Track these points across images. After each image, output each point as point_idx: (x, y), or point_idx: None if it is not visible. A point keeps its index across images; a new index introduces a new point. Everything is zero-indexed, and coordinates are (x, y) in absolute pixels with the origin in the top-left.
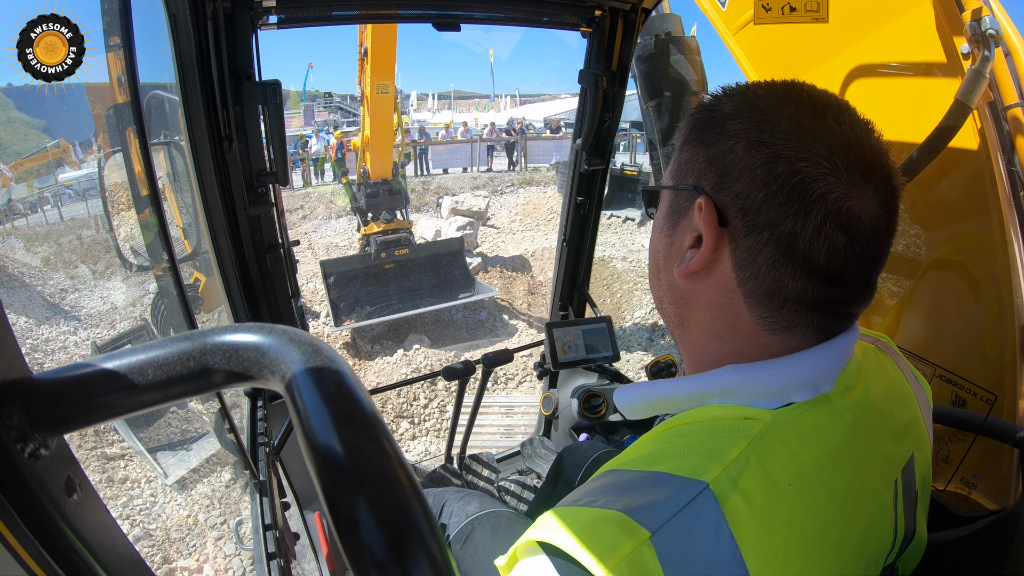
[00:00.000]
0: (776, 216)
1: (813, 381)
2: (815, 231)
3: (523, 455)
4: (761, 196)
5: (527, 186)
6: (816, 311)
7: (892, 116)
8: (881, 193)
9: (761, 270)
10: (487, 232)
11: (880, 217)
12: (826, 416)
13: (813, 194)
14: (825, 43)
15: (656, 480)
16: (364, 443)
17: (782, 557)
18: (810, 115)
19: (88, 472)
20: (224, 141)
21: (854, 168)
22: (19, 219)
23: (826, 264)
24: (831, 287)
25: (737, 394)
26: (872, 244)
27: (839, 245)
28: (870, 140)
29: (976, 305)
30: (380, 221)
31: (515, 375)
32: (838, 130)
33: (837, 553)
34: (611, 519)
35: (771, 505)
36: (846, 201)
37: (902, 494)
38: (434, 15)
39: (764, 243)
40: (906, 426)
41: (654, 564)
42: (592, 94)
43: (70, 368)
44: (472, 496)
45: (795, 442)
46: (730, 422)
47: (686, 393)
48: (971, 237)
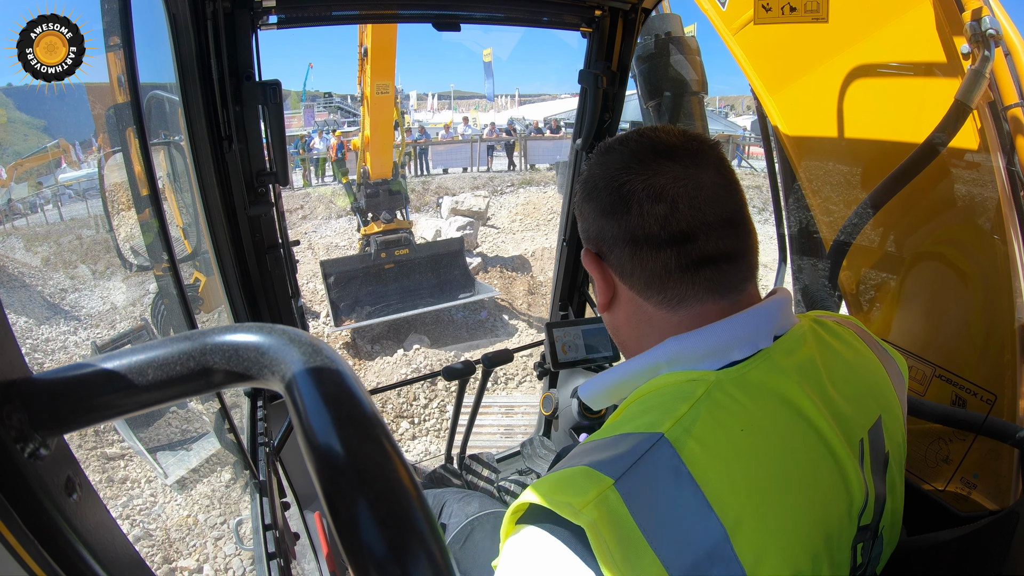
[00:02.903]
0: (615, 226)
1: (749, 337)
2: (638, 214)
3: (523, 455)
4: (604, 221)
5: (527, 186)
6: (691, 270)
7: (892, 116)
8: (683, 159)
9: (631, 268)
10: (487, 232)
11: (691, 175)
12: (769, 372)
13: (625, 193)
14: (825, 43)
15: (616, 440)
16: (364, 443)
17: (743, 494)
18: (605, 153)
19: (88, 472)
20: (224, 141)
21: (644, 159)
22: (19, 219)
23: (661, 231)
24: (685, 245)
25: (681, 360)
26: (696, 196)
27: (662, 212)
28: (651, 137)
29: (976, 305)
30: (380, 221)
31: (515, 375)
32: (625, 149)
33: (802, 496)
34: (576, 472)
35: (726, 447)
36: (649, 180)
37: (869, 454)
38: (434, 15)
39: (621, 249)
40: (869, 390)
41: (620, 506)
42: (592, 94)
43: (70, 368)
44: (472, 496)
45: (741, 395)
46: (678, 385)
47: (637, 370)
48: (971, 237)
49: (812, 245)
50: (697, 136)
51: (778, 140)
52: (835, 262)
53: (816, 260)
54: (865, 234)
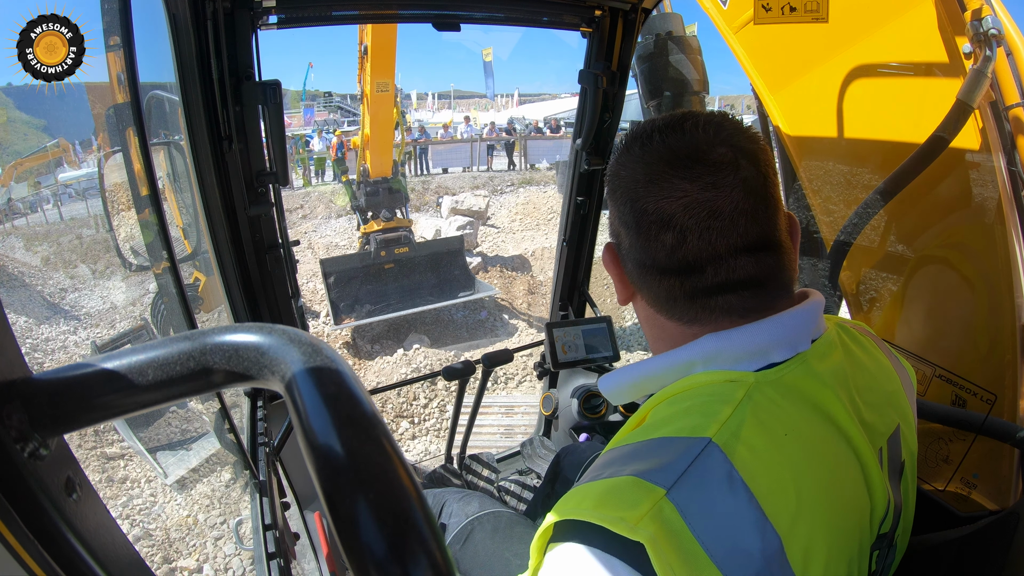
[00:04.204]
0: (628, 242)
1: (789, 340)
2: (647, 240)
3: (523, 455)
4: (622, 230)
5: (527, 186)
6: (699, 298)
7: (893, 115)
8: (700, 180)
9: (640, 286)
10: (487, 232)
11: (709, 200)
12: (806, 377)
13: (638, 211)
14: (826, 42)
15: (658, 444)
16: (364, 443)
17: (794, 502)
18: (625, 153)
19: (88, 472)
20: (224, 141)
21: (657, 174)
22: (19, 219)
23: (667, 261)
24: (690, 276)
25: (719, 360)
26: (710, 226)
27: (669, 242)
28: (673, 142)
29: (976, 305)
30: (380, 219)
31: (515, 375)
32: (642, 152)
33: (841, 504)
34: (624, 483)
35: (774, 453)
36: (659, 203)
37: (887, 462)
38: (434, 15)
39: (632, 266)
40: (889, 398)
41: (675, 518)
42: (592, 94)
43: (70, 368)
44: (472, 496)
45: (781, 399)
46: (717, 386)
47: (669, 366)
48: (970, 237)
49: (812, 245)
50: (732, 138)
51: (779, 140)
52: (835, 262)
53: (816, 260)
54: (865, 234)
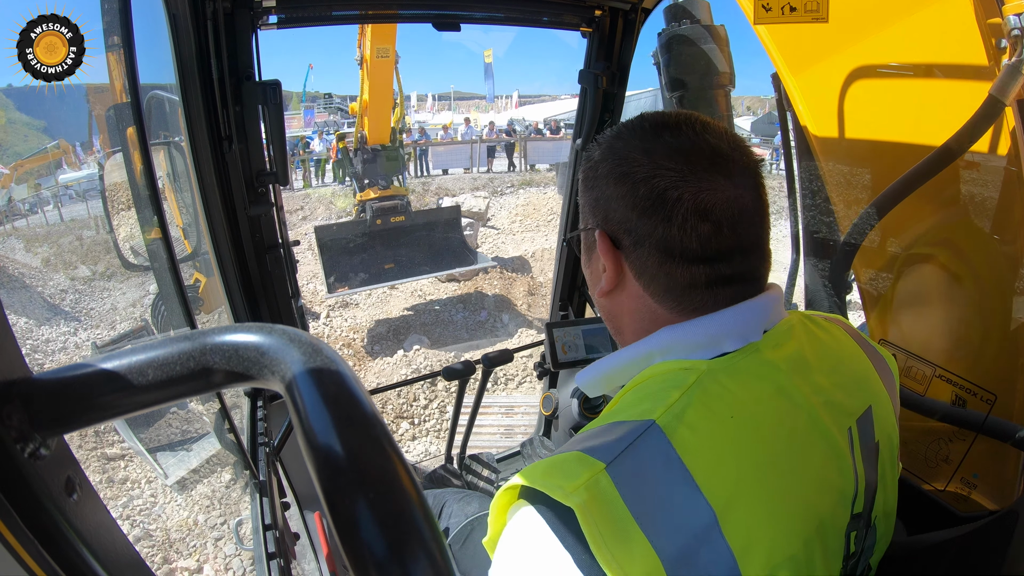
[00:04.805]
0: (649, 227)
1: (739, 331)
2: (681, 228)
3: (523, 455)
4: (635, 216)
5: (527, 187)
6: (713, 287)
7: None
8: (734, 178)
9: (654, 272)
10: (487, 233)
11: (739, 197)
12: (758, 364)
13: (671, 200)
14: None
15: (610, 427)
16: (364, 443)
17: (733, 478)
18: (652, 138)
19: (88, 472)
20: (224, 141)
21: (699, 167)
22: (19, 220)
23: (700, 250)
24: (715, 265)
25: (675, 350)
26: (738, 220)
27: (705, 232)
28: (708, 140)
29: (977, 304)
30: (376, 187)
31: (515, 375)
32: (676, 143)
33: (793, 480)
34: (569, 457)
35: (716, 433)
36: (699, 195)
37: (859, 442)
38: (434, 15)
39: (648, 251)
40: (856, 380)
41: (611, 489)
42: (592, 94)
43: (70, 368)
44: (472, 496)
45: (731, 384)
46: (671, 373)
47: (632, 358)
48: (973, 235)
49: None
50: (745, 147)
51: (797, 126)
52: (842, 262)
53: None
54: (875, 231)
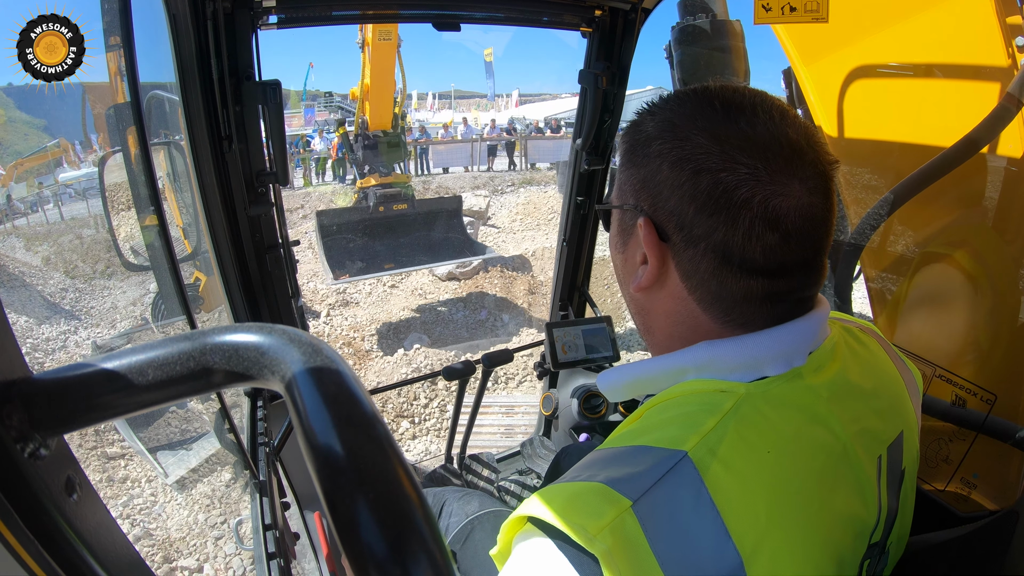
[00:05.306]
0: (708, 227)
1: (784, 355)
2: (746, 235)
3: (523, 455)
4: (692, 210)
5: (527, 186)
6: (767, 303)
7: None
8: (809, 182)
9: (705, 278)
10: (487, 231)
11: (812, 205)
12: (800, 391)
13: (738, 201)
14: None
15: (636, 452)
16: (364, 443)
17: (763, 521)
18: (724, 122)
19: (88, 472)
20: (224, 141)
21: (775, 166)
22: (19, 219)
23: (763, 262)
24: (775, 280)
25: (711, 368)
26: (807, 233)
27: (772, 243)
28: (787, 133)
29: (977, 304)
30: (377, 175)
31: (515, 375)
32: (752, 132)
33: (820, 520)
34: (592, 490)
35: (751, 471)
36: (771, 200)
37: (886, 470)
38: (434, 15)
39: (703, 253)
40: (892, 405)
41: (636, 531)
42: (592, 94)
43: (70, 368)
44: (472, 496)
45: (771, 412)
46: (706, 395)
47: (663, 370)
48: (975, 235)
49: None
50: (822, 144)
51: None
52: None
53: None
54: (882, 230)
